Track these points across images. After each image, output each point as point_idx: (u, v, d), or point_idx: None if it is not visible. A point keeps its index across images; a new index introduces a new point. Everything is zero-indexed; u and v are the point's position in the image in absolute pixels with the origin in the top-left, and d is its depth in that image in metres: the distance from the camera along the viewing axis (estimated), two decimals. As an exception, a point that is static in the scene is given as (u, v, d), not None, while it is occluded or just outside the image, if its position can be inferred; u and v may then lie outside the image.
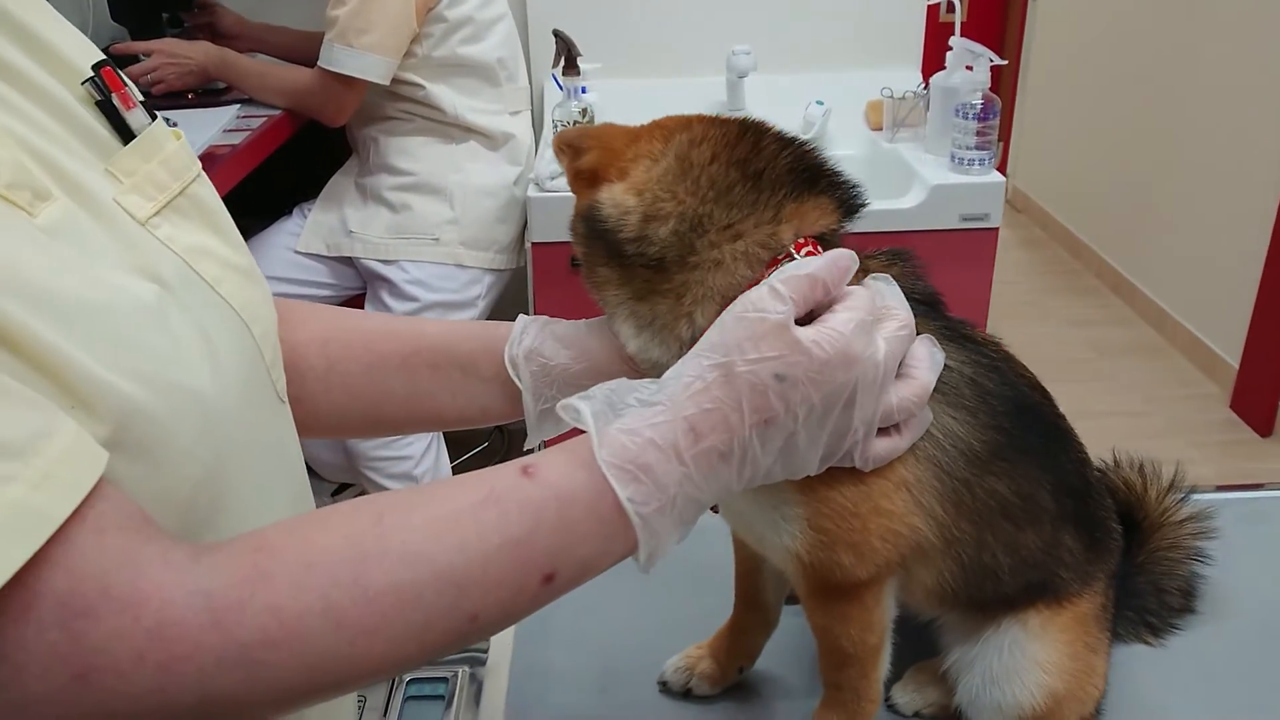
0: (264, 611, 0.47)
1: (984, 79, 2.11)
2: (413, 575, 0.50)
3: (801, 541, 0.67)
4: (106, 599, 0.44)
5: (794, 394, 0.57)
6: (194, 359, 0.55)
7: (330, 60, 2.04)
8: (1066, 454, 0.76)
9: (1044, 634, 0.76)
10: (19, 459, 0.42)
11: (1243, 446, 3.17)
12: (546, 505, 0.54)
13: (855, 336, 0.59)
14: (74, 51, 0.60)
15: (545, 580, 0.54)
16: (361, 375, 0.77)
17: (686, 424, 0.56)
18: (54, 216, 0.51)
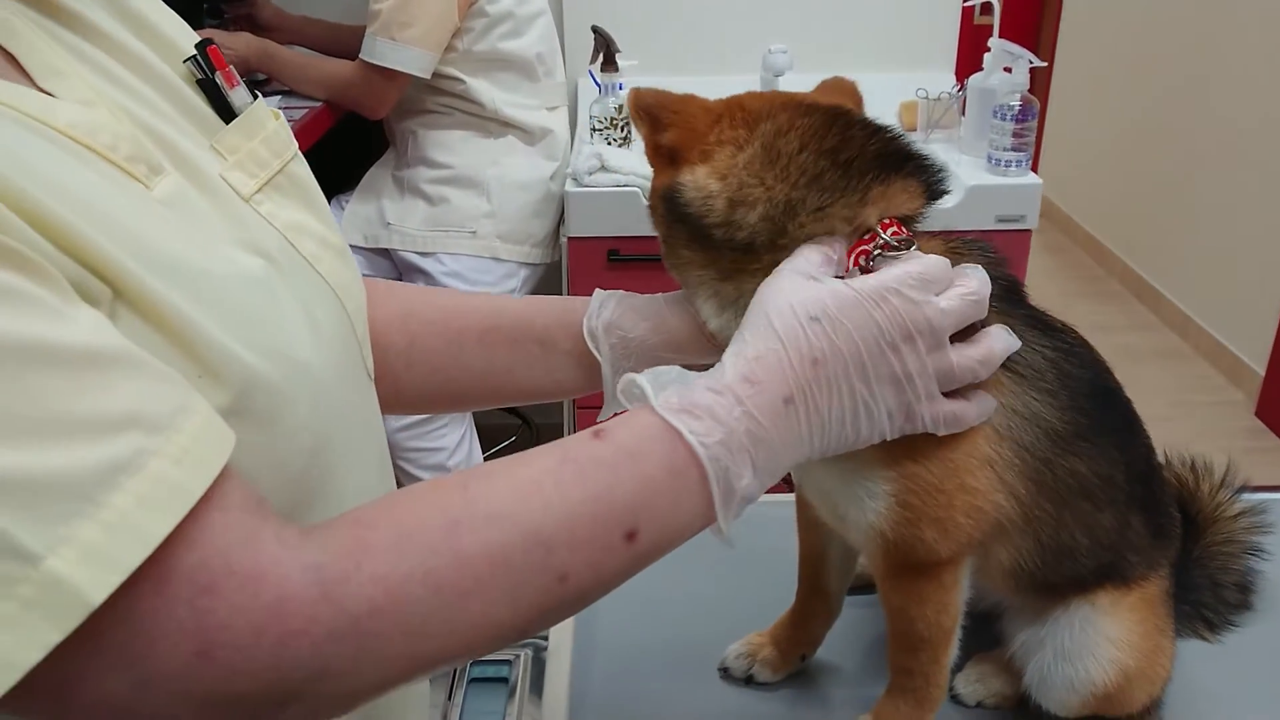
0: (369, 581, 0.48)
1: (1023, 80, 2.11)
2: (501, 536, 0.51)
3: (887, 517, 0.68)
4: (229, 575, 0.45)
5: (834, 331, 0.59)
6: (301, 333, 0.57)
7: (372, 53, 2.05)
8: (1137, 438, 0.78)
9: (1114, 612, 0.77)
10: (161, 434, 0.43)
11: (1268, 454, 3.16)
12: (620, 462, 0.55)
13: (891, 281, 0.61)
14: (175, 32, 0.61)
15: (628, 537, 0.54)
16: (442, 351, 0.78)
17: (738, 374, 0.58)
18: (168, 190, 0.52)
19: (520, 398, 0.82)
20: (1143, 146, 4.16)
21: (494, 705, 0.90)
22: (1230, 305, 3.56)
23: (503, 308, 0.80)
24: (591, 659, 0.92)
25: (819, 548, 0.85)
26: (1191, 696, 0.86)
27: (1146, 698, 0.80)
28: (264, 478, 0.52)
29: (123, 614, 0.42)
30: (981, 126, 2.20)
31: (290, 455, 0.55)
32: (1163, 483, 0.83)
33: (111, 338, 0.44)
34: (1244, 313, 3.44)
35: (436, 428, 2.25)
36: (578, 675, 0.90)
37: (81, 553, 0.40)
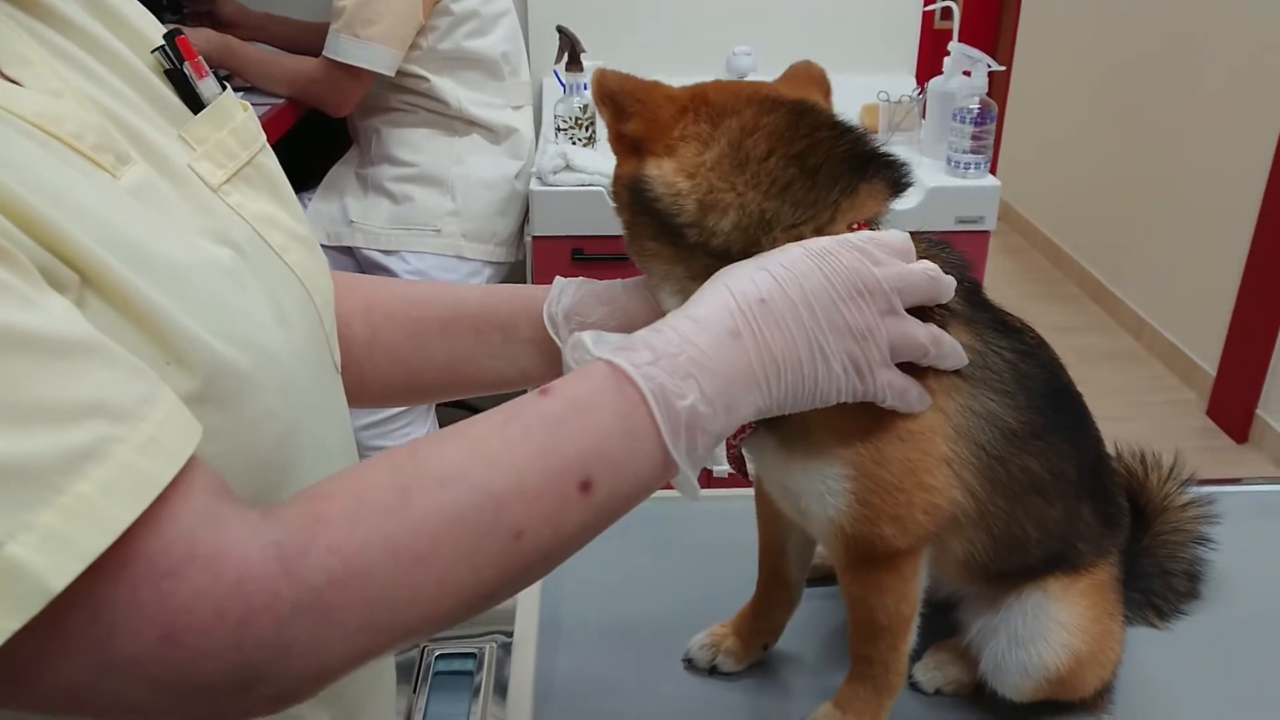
0: (326, 552, 0.48)
1: (981, 84, 2.15)
2: (452, 496, 0.51)
3: (847, 514, 0.70)
4: (192, 558, 0.45)
5: (780, 279, 0.61)
6: (268, 322, 0.57)
7: (336, 50, 2.04)
8: (1088, 432, 0.80)
9: (1064, 597, 0.79)
10: (126, 422, 0.43)
11: (1219, 453, 3.23)
12: (566, 413, 0.55)
13: (841, 239, 0.63)
14: (143, 23, 0.61)
15: (583, 488, 0.54)
16: (404, 342, 0.78)
17: (682, 316, 0.60)
18: (135, 179, 0.53)
19: (484, 388, 0.82)
20: (1099, 150, 4.24)
21: (459, 699, 0.90)
22: (1183, 308, 3.64)
23: (465, 297, 0.80)
24: (556, 652, 0.92)
25: (779, 539, 0.87)
26: (1142, 683, 0.88)
27: (1098, 681, 0.82)
28: (231, 463, 0.52)
29: (84, 600, 0.42)
30: (941, 129, 2.24)
31: (257, 441, 0.55)
32: (1111, 473, 0.86)
33: (80, 326, 0.44)
34: (1196, 315, 3.52)
35: (400, 426, 2.24)
36: (542, 668, 0.90)
37: (42, 539, 0.40)
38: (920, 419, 0.68)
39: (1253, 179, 3.14)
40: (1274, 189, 3.06)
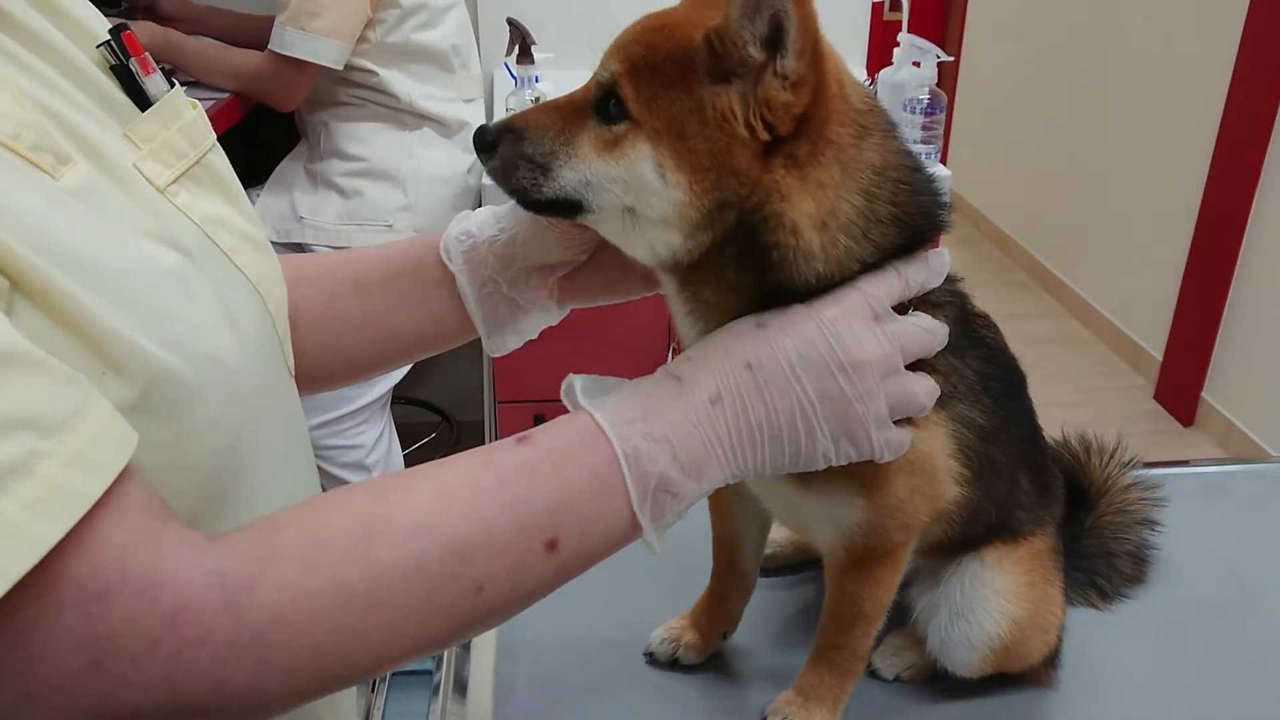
0: (274, 590, 0.46)
1: (930, 75, 2.16)
2: (417, 546, 0.50)
3: (860, 529, 0.71)
4: (125, 581, 0.43)
5: (777, 340, 0.59)
6: (218, 328, 0.55)
7: (281, 44, 2.01)
8: (1026, 404, 0.82)
9: (1001, 566, 0.81)
10: (53, 436, 0.42)
11: (1167, 436, 3.30)
12: (541, 465, 0.55)
13: (842, 311, 0.61)
14: (87, 17, 0.59)
15: (549, 546, 0.54)
16: (321, 310, 0.76)
17: (669, 374, 0.58)
18: (76, 180, 0.51)
19: (404, 347, 0.79)
20: (1046, 140, 4.30)
21: (418, 698, 0.89)
22: (1130, 295, 3.70)
23: (374, 254, 0.79)
24: (516, 650, 0.92)
25: (733, 532, 0.87)
26: (1088, 664, 0.90)
27: (1043, 647, 0.84)
28: (171, 477, 0.50)
29: (6, 623, 0.41)
30: (892, 120, 2.25)
31: (200, 454, 0.53)
32: (1044, 443, 0.88)
33: (7, 336, 0.42)
34: (1142, 301, 3.59)
35: (353, 425, 2.21)
36: (503, 668, 0.90)
37: None
38: (923, 446, 0.69)
39: (1195, 169, 3.20)
40: (1215, 178, 3.13)
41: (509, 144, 0.64)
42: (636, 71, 0.62)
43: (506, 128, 0.65)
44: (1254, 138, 2.93)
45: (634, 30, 0.64)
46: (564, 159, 0.64)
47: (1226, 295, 3.11)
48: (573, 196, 0.64)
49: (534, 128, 0.65)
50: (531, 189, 0.64)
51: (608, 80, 0.63)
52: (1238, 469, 1.25)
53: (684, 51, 0.61)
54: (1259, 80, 2.90)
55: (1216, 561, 1.03)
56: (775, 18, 0.58)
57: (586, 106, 0.64)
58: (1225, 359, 3.16)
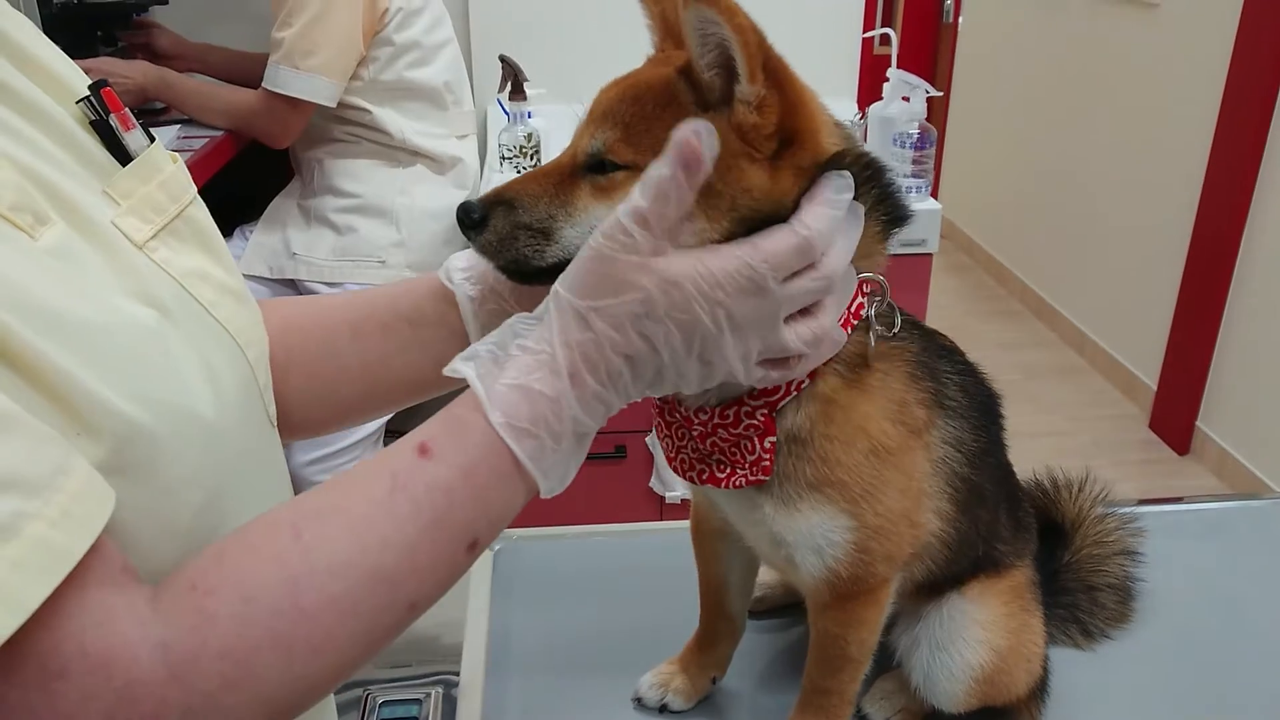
0: (218, 657, 0.47)
1: (920, 109, 2.18)
2: (345, 585, 0.51)
3: (844, 562, 0.71)
4: (82, 658, 0.44)
5: (655, 329, 0.57)
6: (195, 383, 0.55)
7: (275, 82, 2.02)
8: (1000, 436, 0.82)
9: (981, 598, 0.81)
10: (39, 495, 0.42)
11: (1161, 465, 3.30)
12: (454, 482, 0.54)
13: (724, 278, 0.57)
14: (66, 72, 0.59)
15: (469, 548, 0.56)
16: (316, 354, 0.75)
17: (567, 370, 0.57)
18: (54, 240, 0.51)
19: (402, 391, 0.78)
20: (1036, 170, 4.32)
21: (404, 747, 0.89)
22: (1124, 323, 3.71)
23: (372, 298, 0.78)
24: (504, 696, 0.91)
25: (720, 575, 0.87)
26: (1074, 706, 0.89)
27: (1028, 677, 0.83)
28: (148, 535, 0.50)
29: None
30: (882, 154, 2.26)
31: (176, 510, 0.53)
32: (1015, 477, 0.88)
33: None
34: (1137, 329, 3.60)
35: (347, 461, 2.20)
36: (490, 713, 0.89)
37: None
38: (912, 465, 0.70)
39: (1187, 196, 3.22)
40: (1207, 206, 3.15)
41: (500, 216, 0.63)
42: (630, 131, 0.62)
43: (494, 200, 0.64)
44: (1245, 164, 2.95)
45: (611, 94, 0.65)
46: (564, 219, 0.63)
47: (1220, 323, 3.12)
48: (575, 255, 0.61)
49: (525, 196, 0.64)
50: (534, 256, 0.63)
51: (599, 149, 0.63)
52: (1235, 505, 1.25)
53: (667, 91, 0.62)
54: (1249, 107, 2.93)
55: (1208, 600, 1.03)
56: (720, 45, 0.59)
57: (576, 171, 0.64)
58: (1220, 387, 3.17)
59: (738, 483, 0.68)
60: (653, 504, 2.31)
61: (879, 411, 0.69)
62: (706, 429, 0.69)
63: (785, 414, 0.68)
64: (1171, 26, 3.34)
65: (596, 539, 1.14)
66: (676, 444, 0.72)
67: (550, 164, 0.66)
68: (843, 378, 0.68)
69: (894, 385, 0.70)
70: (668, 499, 2.30)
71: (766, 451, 0.67)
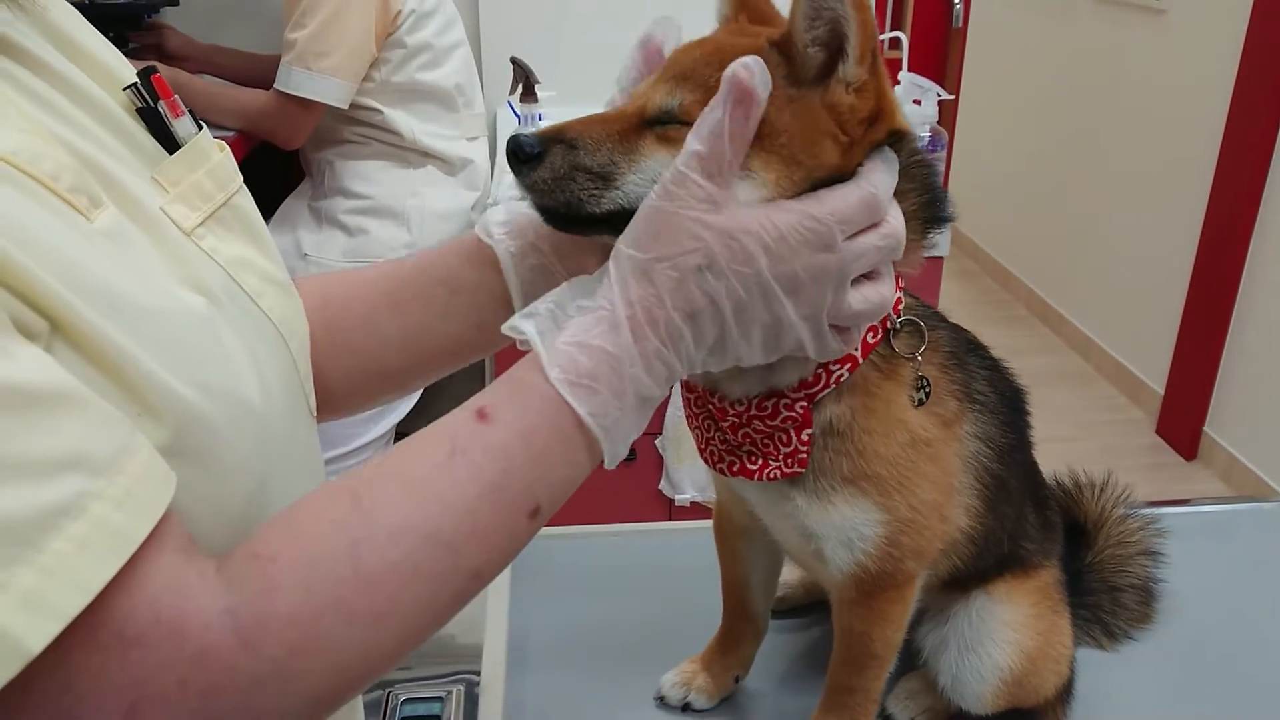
0: (285, 623, 0.47)
1: (931, 113, 2.18)
2: (405, 550, 0.50)
3: (874, 556, 0.70)
4: (156, 626, 0.44)
5: (716, 285, 0.56)
6: (244, 371, 0.55)
7: (287, 83, 2.03)
8: (1027, 432, 0.82)
9: (1009, 598, 0.81)
10: (104, 475, 0.42)
11: (1169, 469, 3.29)
12: (511, 445, 0.54)
13: (788, 231, 0.57)
14: (114, 61, 0.60)
15: (531, 515, 0.55)
16: (357, 329, 0.75)
17: (629, 326, 0.56)
18: (107, 223, 0.51)
19: (447, 358, 0.77)
20: (1044, 175, 4.32)
21: (425, 747, 0.88)
22: (1130, 328, 3.71)
23: (402, 268, 0.77)
24: (524, 692, 0.91)
25: (743, 575, 0.87)
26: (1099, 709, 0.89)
27: (1055, 679, 0.83)
28: (201, 519, 0.50)
29: (54, 665, 0.41)
30: (893, 157, 2.27)
31: (229, 496, 0.53)
32: (1041, 476, 0.88)
33: (55, 375, 0.43)
34: (1143, 335, 3.59)
35: (359, 461, 2.20)
36: (511, 713, 0.89)
37: (20, 600, 0.39)
38: (946, 459, 0.70)
39: (1194, 201, 3.22)
40: (1214, 211, 3.15)
41: (559, 154, 0.60)
42: (711, 96, 0.59)
43: (554, 137, 0.61)
44: (1253, 170, 2.94)
45: (694, 54, 0.63)
46: (627, 165, 0.61)
47: (1227, 328, 3.12)
48: (636, 205, 0.59)
49: (589, 137, 0.61)
50: (589, 201, 0.61)
51: (674, 108, 0.61)
52: (1243, 508, 1.25)
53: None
54: (1256, 112, 2.93)
55: (1221, 602, 1.03)
56: (834, 23, 0.58)
57: (641, 124, 0.62)
58: (1227, 393, 3.16)
59: (771, 475, 0.68)
60: (662, 507, 2.31)
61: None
62: (741, 420, 0.68)
63: (823, 406, 0.67)
64: (1179, 32, 3.34)
65: (615, 538, 1.14)
66: (705, 435, 0.72)
67: (612, 111, 0.63)
68: (880, 370, 0.68)
69: (929, 375, 0.70)
70: (677, 502, 2.29)
71: (804, 444, 0.67)
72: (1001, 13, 4.64)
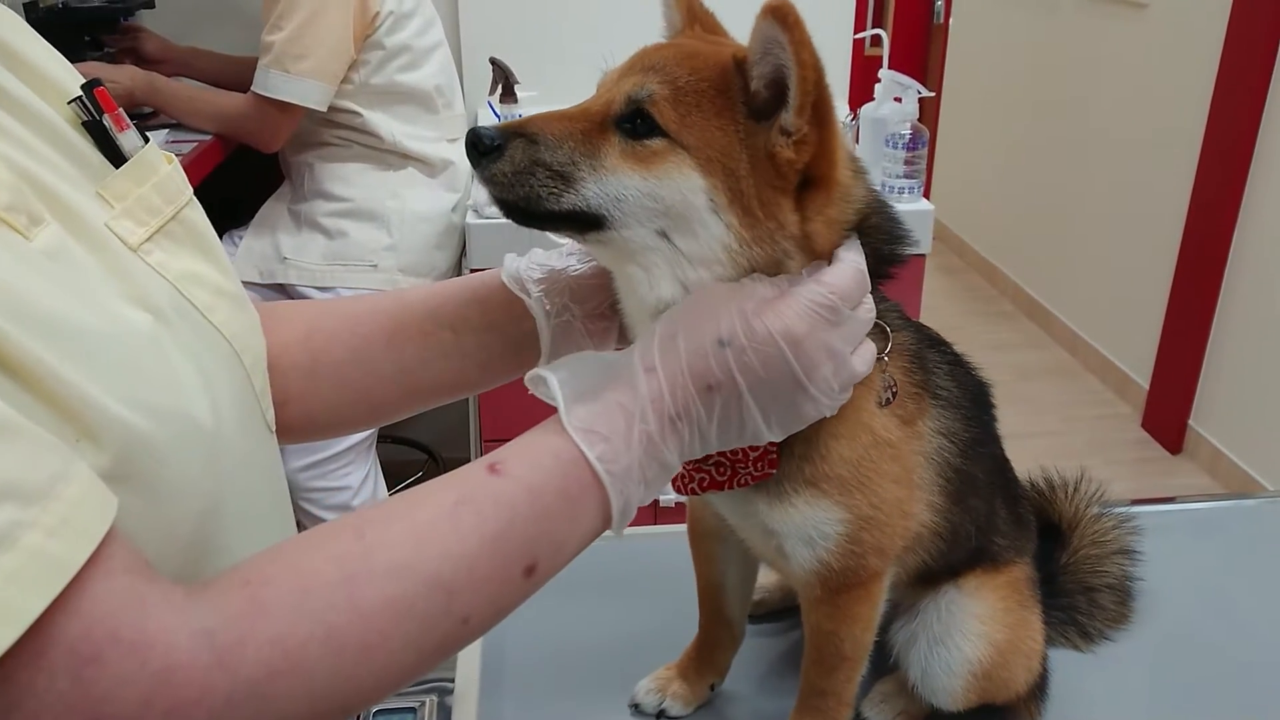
0: (267, 644, 0.46)
1: (912, 110, 2.18)
2: (403, 587, 0.50)
3: (835, 553, 0.70)
4: (115, 644, 0.43)
5: (735, 360, 0.58)
6: (192, 390, 0.54)
7: (265, 86, 2.01)
8: (994, 426, 0.82)
9: (979, 592, 0.81)
10: (37, 504, 0.41)
11: (1155, 463, 3.30)
12: (518, 498, 0.55)
13: (806, 318, 0.59)
14: (59, 73, 0.59)
15: (527, 571, 0.55)
16: (348, 361, 0.75)
17: (645, 387, 0.57)
18: (48, 242, 0.50)
19: (442, 393, 0.78)
20: (1028, 171, 4.33)
21: (400, 754, 0.87)
22: (1115, 323, 3.72)
23: (408, 303, 0.76)
24: (500, 703, 0.90)
25: (718, 578, 0.86)
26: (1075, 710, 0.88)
27: (1026, 674, 0.83)
28: (150, 543, 0.49)
29: (2, 690, 0.40)
30: (875, 155, 2.26)
31: (178, 519, 0.52)
32: (1013, 471, 0.88)
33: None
34: (1128, 329, 3.60)
35: (339, 467, 2.19)
36: (486, 717, 0.88)
37: None
38: (908, 457, 0.70)
39: (1177, 195, 3.23)
40: (1197, 204, 3.16)
41: (519, 148, 0.59)
42: (679, 94, 0.60)
43: (515, 131, 0.60)
44: (1235, 163, 2.95)
45: (665, 53, 0.63)
46: (588, 169, 0.60)
47: (1212, 322, 3.13)
48: (595, 211, 0.60)
49: (550, 134, 0.60)
50: (548, 198, 0.60)
51: (643, 97, 0.60)
52: (1226, 505, 1.25)
53: (723, 75, 0.60)
54: (1238, 106, 2.93)
55: (1203, 600, 1.02)
56: (778, 68, 0.58)
57: (606, 120, 0.61)
58: (1212, 386, 3.17)
59: (743, 482, 0.68)
60: (647, 508, 2.30)
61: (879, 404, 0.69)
62: None
63: None
64: (1161, 27, 3.35)
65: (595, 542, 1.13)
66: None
67: (575, 108, 0.62)
68: None
69: (892, 377, 0.70)
70: (663, 502, 2.29)
71: (772, 445, 0.66)
72: (983, 9, 4.65)
